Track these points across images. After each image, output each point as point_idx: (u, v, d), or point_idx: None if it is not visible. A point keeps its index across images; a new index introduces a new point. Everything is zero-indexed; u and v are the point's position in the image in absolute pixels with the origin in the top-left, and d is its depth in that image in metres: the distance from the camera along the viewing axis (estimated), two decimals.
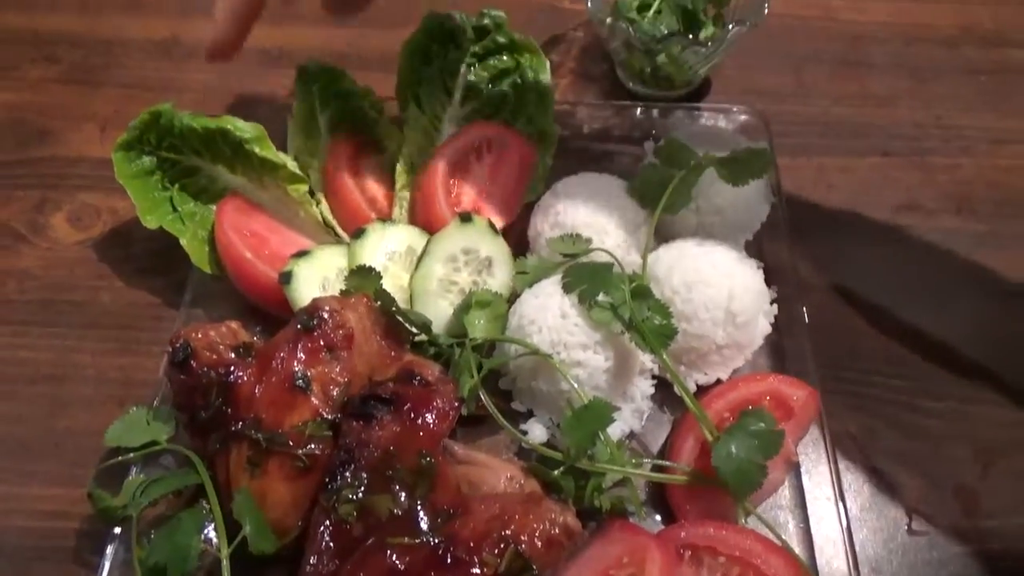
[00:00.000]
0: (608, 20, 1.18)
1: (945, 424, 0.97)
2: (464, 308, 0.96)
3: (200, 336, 0.87)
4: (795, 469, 0.91)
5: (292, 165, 1.05)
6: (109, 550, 0.83)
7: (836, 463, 0.89)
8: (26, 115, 1.30)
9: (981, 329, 1.05)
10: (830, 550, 0.86)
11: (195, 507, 0.82)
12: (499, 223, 1.07)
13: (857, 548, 0.85)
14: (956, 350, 1.03)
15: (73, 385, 1.01)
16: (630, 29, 1.17)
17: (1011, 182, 1.20)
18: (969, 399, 0.99)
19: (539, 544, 0.76)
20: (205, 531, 0.83)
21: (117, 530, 0.84)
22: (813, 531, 0.88)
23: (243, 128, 1.02)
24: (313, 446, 0.81)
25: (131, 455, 0.87)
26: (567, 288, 0.93)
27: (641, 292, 0.91)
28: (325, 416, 0.83)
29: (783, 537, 0.81)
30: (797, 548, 0.85)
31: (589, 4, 1.20)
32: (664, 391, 0.97)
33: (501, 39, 1.17)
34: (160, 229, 1.04)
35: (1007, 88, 1.32)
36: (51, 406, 0.99)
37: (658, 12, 1.23)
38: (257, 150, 1.02)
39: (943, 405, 0.99)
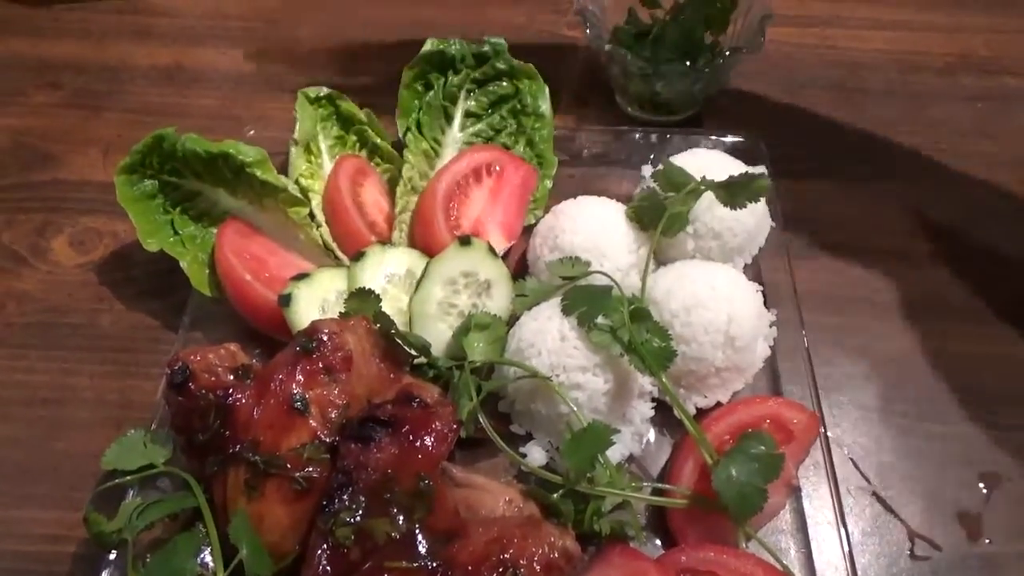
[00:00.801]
0: (607, 47, 1.20)
1: (948, 448, 0.97)
2: (463, 331, 0.96)
3: (198, 358, 0.87)
4: (796, 493, 0.91)
5: (293, 188, 1.06)
6: (104, 574, 0.82)
7: (837, 487, 0.89)
8: (29, 139, 1.31)
9: (983, 353, 1.05)
10: (832, 575, 0.85)
11: (192, 530, 0.82)
12: (499, 246, 1.08)
13: (859, 573, 0.84)
14: (958, 373, 1.03)
15: (71, 408, 1.01)
16: (628, 56, 1.18)
17: (1008, 207, 1.21)
18: (972, 422, 0.99)
19: (538, 568, 0.75)
20: (202, 555, 0.82)
21: (113, 555, 0.83)
22: (814, 556, 0.87)
23: (245, 152, 1.02)
24: (311, 469, 0.81)
25: (128, 478, 0.86)
26: (566, 310, 0.93)
27: (640, 315, 0.91)
28: (323, 439, 0.82)
29: (784, 562, 0.80)
30: (798, 573, 0.84)
31: (588, 31, 1.22)
32: (664, 414, 0.97)
33: (501, 65, 1.19)
34: (161, 252, 1.05)
35: (1003, 115, 1.34)
36: (49, 429, 0.99)
37: (657, 39, 1.24)
38: (258, 173, 1.03)
39: (946, 428, 0.98)
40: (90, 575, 0.85)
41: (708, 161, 1.07)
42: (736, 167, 1.05)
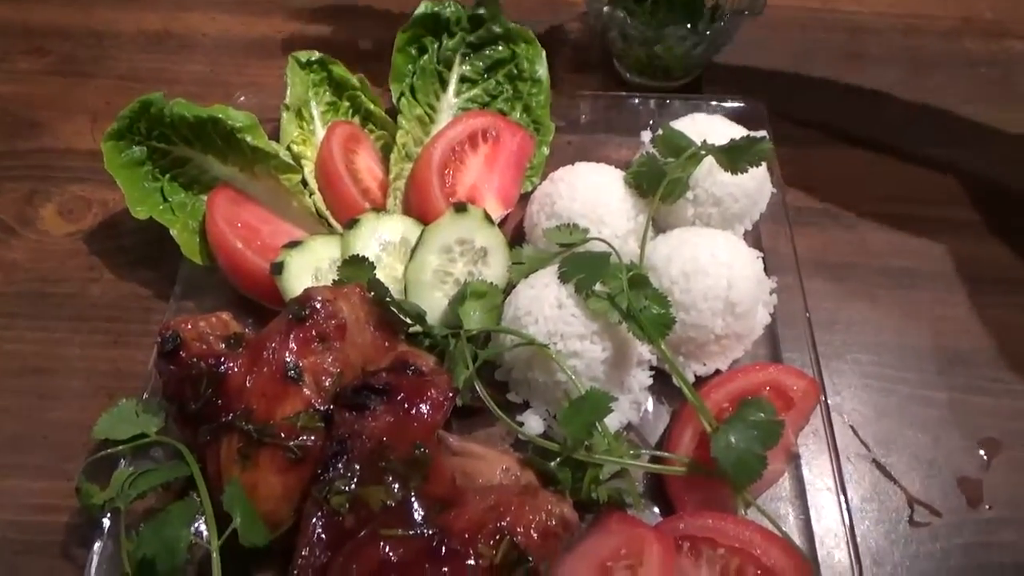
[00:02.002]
0: (605, 9, 1.17)
1: (948, 414, 0.96)
2: (459, 299, 0.95)
3: (190, 327, 0.86)
4: (795, 460, 0.90)
5: (284, 154, 1.04)
6: (97, 544, 0.82)
7: (837, 454, 0.88)
8: (15, 107, 1.28)
9: (982, 319, 1.04)
10: (831, 541, 0.85)
11: (185, 500, 0.81)
12: (495, 214, 1.06)
13: (859, 539, 0.84)
14: (958, 340, 1.02)
15: (62, 378, 1.00)
16: (627, 19, 1.16)
17: (1010, 173, 1.19)
18: (972, 389, 0.98)
19: (535, 536, 0.75)
20: (196, 524, 0.81)
21: (106, 523, 0.82)
22: (813, 522, 0.86)
23: (235, 117, 1.00)
24: (305, 438, 0.80)
25: (120, 448, 0.85)
26: (564, 278, 0.92)
27: (639, 281, 0.89)
28: (317, 407, 0.81)
29: (783, 529, 0.80)
30: (797, 539, 0.84)
31: None
32: (662, 382, 0.96)
33: (497, 29, 1.16)
34: (151, 221, 1.03)
35: (1007, 79, 1.31)
36: (39, 399, 0.98)
37: (655, 2, 1.21)
38: (249, 139, 1.00)
39: (946, 395, 0.98)
40: (83, 545, 0.85)
41: (709, 126, 1.04)
42: (737, 132, 1.03)
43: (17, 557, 0.87)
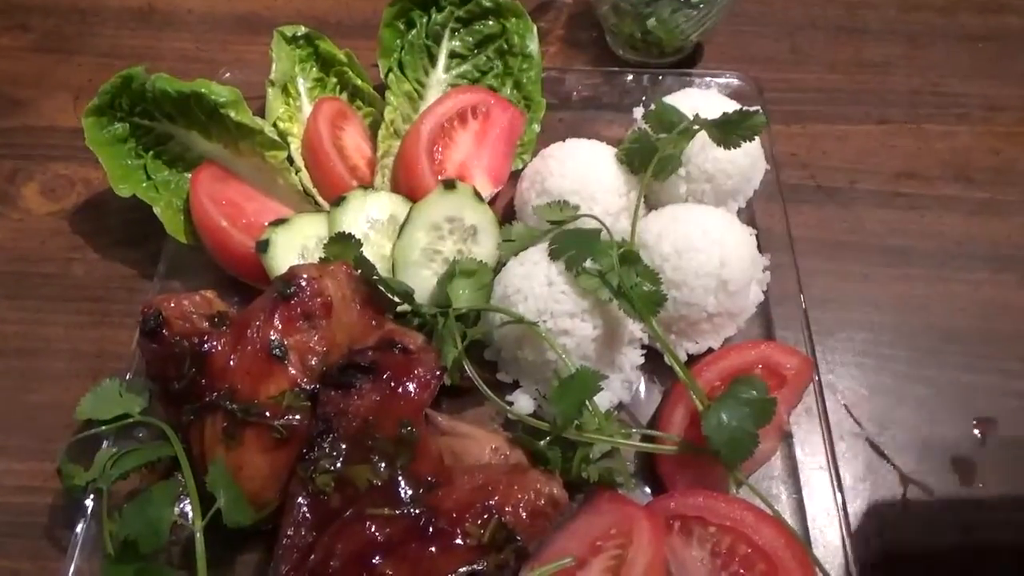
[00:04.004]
0: None
1: (942, 393, 0.95)
2: (448, 277, 0.93)
3: (172, 305, 0.84)
4: (788, 438, 0.89)
5: (270, 131, 1.02)
6: (80, 525, 0.81)
7: (830, 432, 0.87)
8: None
9: (976, 297, 1.03)
10: (823, 520, 0.84)
11: (169, 480, 0.80)
12: (485, 192, 1.04)
13: (851, 518, 0.83)
14: (953, 318, 1.01)
15: (45, 358, 0.98)
16: None
17: (1008, 149, 1.18)
18: (966, 367, 0.97)
19: (524, 515, 0.74)
20: (181, 505, 0.81)
21: (89, 505, 0.81)
22: (806, 501, 0.85)
23: (218, 92, 0.98)
24: (291, 417, 0.79)
25: (103, 428, 0.84)
26: (554, 255, 0.90)
27: (630, 258, 0.88)
28: (303, 386, 0.80)
29: (775, 508, 0.79)
30: (789, 519, 0.83)
31: None
32: (654, 362, 0.95)
33: (486, 3, 1.14)
34: (135, 199, 1.01)
35: (1004, 54, 1.29)
36: (22, 379, 0.97)
37: None
38: (233, 115, 0.98)
39: (939, 374, 0.97)
40: (67, 526, 0.83)
41: (702, 101, 1.02)
42: (731, 107, 1.01)
43: (1, 539, 0.85)
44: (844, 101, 1.24)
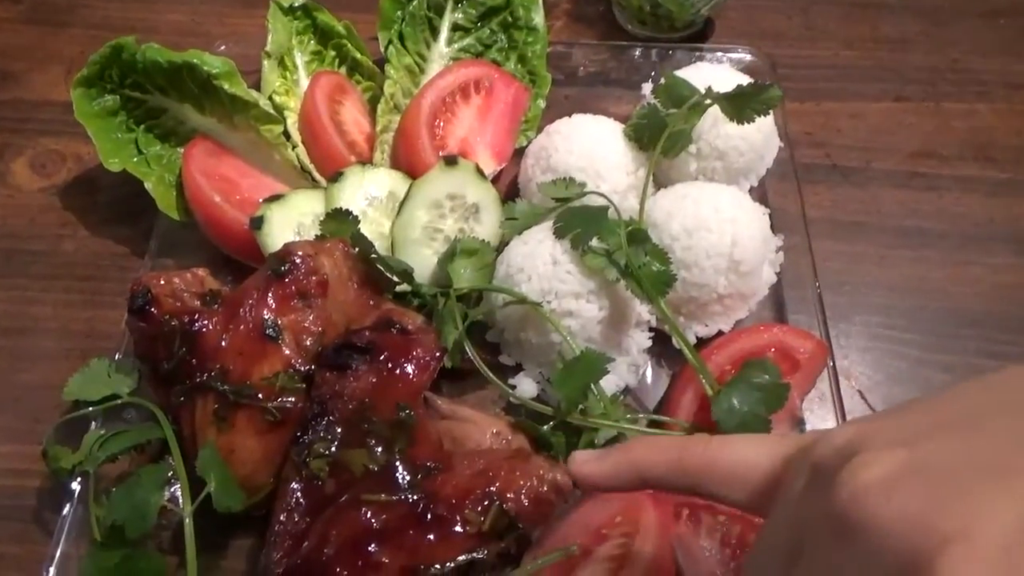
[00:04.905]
0: None
1: (958, 379, 0.90)
2: (449, 257, 0.90)
3: (162, 282, 0.81)
4: (800, 425, 0.86)
5: (265, 104, 0.98)
6: (67, 508, 0.78)
7: (844, 419, 0.84)
8: None
9: (998, 281, 0.99)
10: None
11: (158, 463, 0.77)
12: (488, 169, 1.01)
13: None
14: (972, 302, 0.97)
15: (33, 338, 0.95)
16: None
17: None
18: (985, 353, 0.94)
19: (526, 502, 0.71)
20: (172, 489, 0.78)
21: (76, 487, 0.78)
22: None
23: (211, 63, 0.94)
24: (285, 399, 0.76)
25: (91, 409, 0.81)
26: (559, 233, 0.87)
27: (638, 237, 0.84)
28: (297, 367, 0.77)
29: None
30: None
31: None
32: (662, 345, 0.92)
33: None
34: (127, 175, 0.98)
35: None
36: (9, 359, 0.94)
37: None
38: (226, 87, 0.95)
39: (955, 359, 0.93)
40: (54, 509, 0.81)
41: (714, 75, 0.98)
42: (744, 82, 0.97)
43: None
44: (860, 78, 1.20)
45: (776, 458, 0.50)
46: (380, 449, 0.72)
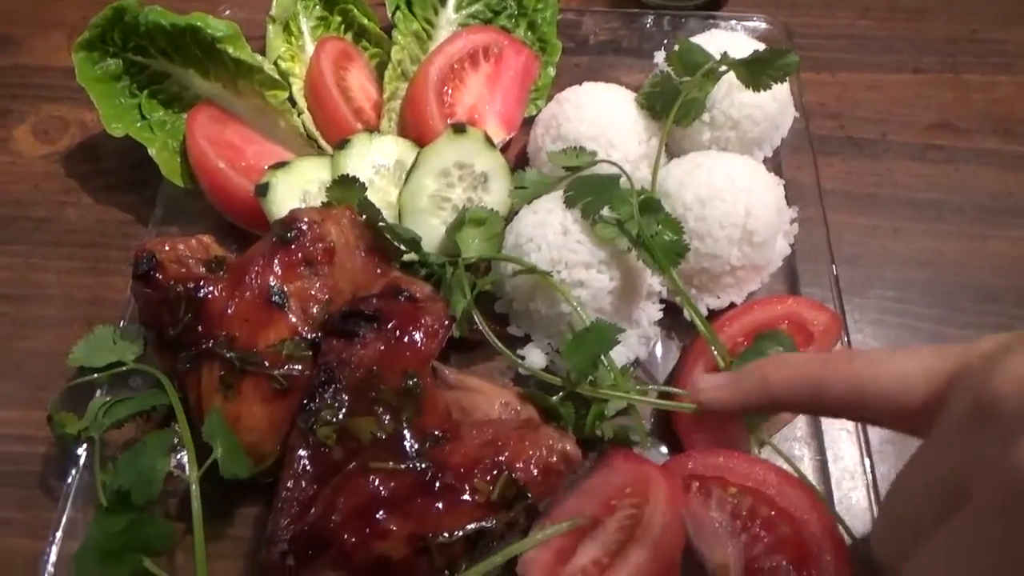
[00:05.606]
0: None
1: None
2: (457, 226, 0.89)
3: (167, 248, 0.80)
4: None
5: (270, 68, 0.96)
6: (73, 474, 0.77)
7: None
8: None
9: (1013, 255, 0.97)
10: (848, 483, 0.80)
11: (164, 430, 0.76)
12: (497, 137, 0.99)
13: (879, 481, 0.79)
14: (988, 277, 0.96)
15: (36, 305, 0.95)
16: None
17: None
18: (1001, 328, 0.91)
19: (535, 472, 0.70)
20: (178, 456, 0.77)
21: (82, 454, 0.78)
22: (830, 464, 0.81)
23: (215, 26, 0.92)
24: (291, 367, 0.75)
25: (96, 376, 0.80)
26: (569, 202, 0.85)
27: (650, 206, 0.83)
28: (304, 335, 0.76)
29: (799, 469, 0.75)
30: (812, 482, 0.79)
31: None
32: (672, 317, 0.90)
33: None
34: (130, 142, 0.96)
35: None
36: (12, 326, 0.93)
37: None
38: (231, 51, 0.93)
39: (971, 334, 0.92)
40: (59, 476, 0.81)
41: (729, 42, 0.96)
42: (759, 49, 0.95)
43: None
44: (877, 48, 1.17)
45: (935, 377, 0.46)
46: (388, 417, 0.71)
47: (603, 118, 0.94)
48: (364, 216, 0.85)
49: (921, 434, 0.47)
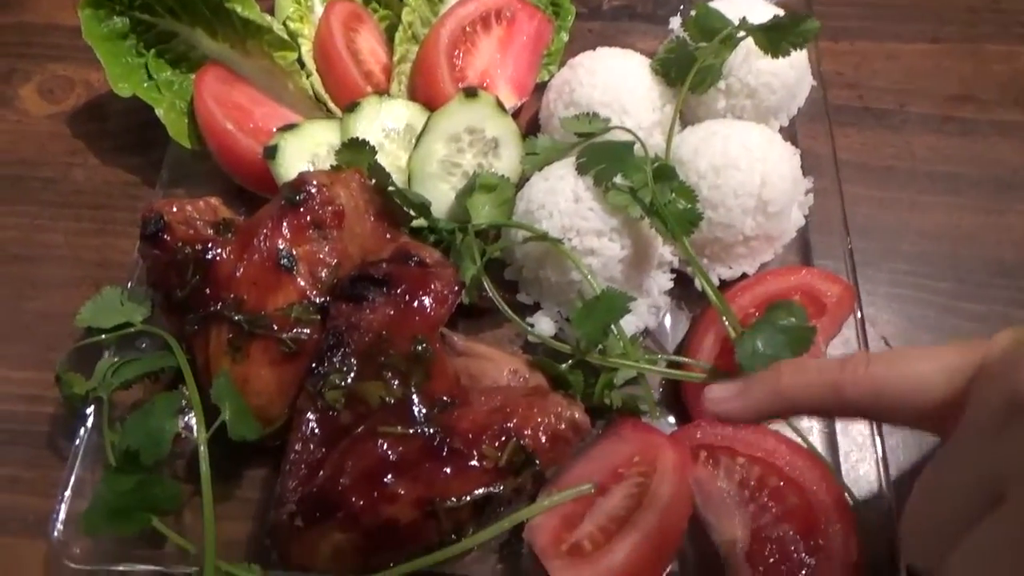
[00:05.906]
0: None
1: (987, 329, 0.87)
2: (467, 191, 0.88)
3: (175, 210, 0.79)
4: None
5: (279, 28, 0.95)
6: (81, 433, 0.77)
7: None
8: None
9: None
10: (856, 455, 0.80)
11: (172, 391, 0.76)
12: (508, 103, 0.98)
13: (888, 454, 0.78)
14: (1005, 251, 0.94)
15: (44, 266, 0.94)
16: None
17: None
18: (1014, 302, 0.91)
19: (543, 439, 0.70)
20: (186, 418, 0.77)
21: (91, 413, 0.78)
22: (839, 436, 0.81)
23: None
24: (300, 330, 0.75)
25: (104, 337, 0.80)
26: (582, 169, 0.84)
27: (664, 173, 0.82)
28: (312, 299, 0.76)
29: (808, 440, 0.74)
30: (822, 452, 0.78)
31: None
32: (683, 287, 0.90)
33: None
34: (138, 102, 0.95)
35: None
36: (20, 287, 0.93)
37: None
38: (239, 9, 0.91)
39: (986, 308, 0.91)
40: (67, 436, 0.81)
41: (746, 8, 0.94)
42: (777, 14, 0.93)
43: (1, 447, 0.83)
44: (896, 17, 1.14)
45: (955, 376, 0.46)
46: (396, 382, 0.71)
47: (617, 84, 0.92)
48: (373, 180, 0.84)
49: (942, 433, 0.46)
